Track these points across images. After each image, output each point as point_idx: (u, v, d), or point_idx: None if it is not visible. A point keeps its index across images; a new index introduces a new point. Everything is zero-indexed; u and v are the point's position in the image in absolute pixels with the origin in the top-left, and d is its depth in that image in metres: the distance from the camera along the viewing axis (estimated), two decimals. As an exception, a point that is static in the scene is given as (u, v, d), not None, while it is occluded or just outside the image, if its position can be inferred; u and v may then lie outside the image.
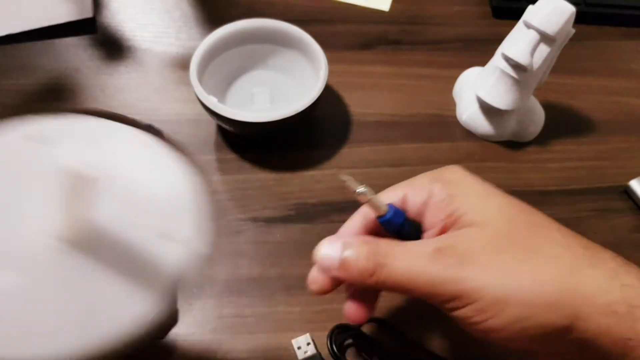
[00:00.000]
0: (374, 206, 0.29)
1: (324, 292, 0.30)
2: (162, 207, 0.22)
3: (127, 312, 0.19)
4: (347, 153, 0.50)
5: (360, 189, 0.28)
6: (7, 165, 0.19)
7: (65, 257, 0.18)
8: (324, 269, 0.29)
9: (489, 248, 0.26)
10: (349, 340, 0.39)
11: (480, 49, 0.57)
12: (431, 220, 0.29)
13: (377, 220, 0.30)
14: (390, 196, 0.31)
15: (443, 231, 0.29)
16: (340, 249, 0.28)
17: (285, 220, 0.45)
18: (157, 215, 0.21)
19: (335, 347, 0.39)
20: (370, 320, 0.40)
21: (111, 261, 0.19)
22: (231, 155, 0.49)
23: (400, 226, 0.29)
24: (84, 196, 0.17)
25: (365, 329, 0.40)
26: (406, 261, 0.27)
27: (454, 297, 0.26)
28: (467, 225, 0.27)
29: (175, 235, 0.21)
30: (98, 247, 0.19)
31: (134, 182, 0.21)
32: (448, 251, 0.26)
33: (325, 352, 0.39)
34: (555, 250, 0.26)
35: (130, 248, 0.20)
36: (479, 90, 0.48)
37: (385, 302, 0.42)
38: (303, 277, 0.31)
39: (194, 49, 0.47)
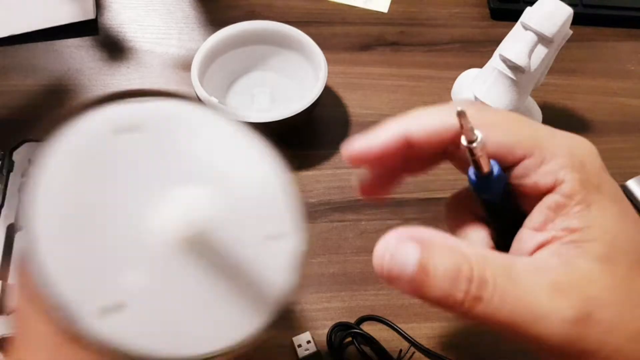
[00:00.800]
0: (483, 162, 0.21)
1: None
2: (262, 203, 0.20)
3: (242, 315, 0.19)
4: (347, 153, 0.50)
5: (478, 135, 0.20)
6: (111, 164, 0.19)
7: (184, 259, 0.19)
8: (389, 276, 0.20)
9: (617, 301, 0.20)
10: (349, 339, 0.40)
11: (478, 51, 0.58)
12: (538, 216, 0.22)
13: (470, 176, 0.22)
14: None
15: (548, 242, 0.21)
16: (416, 252, 0.19)
17: (285, 219, 0.46)
18: (260, 213, 0.20)
19: (335, 345, 0.39)
20: (370, 318, 0.41)
21: (224, 265, 0.19)
22: (232, 156, 0.49)
23: (497, 197, 0.22)
24: (195, 200, 0.18)
25: (365, 327, 0.40)
26: (515, 301, 0.19)
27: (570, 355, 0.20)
28: (590, 255, 0.20)
29: (279, 234, 0.20)
30: (211, 249, 0.19)
31: (235, 177, 0.20)
32: (571, 293, 0.19)
33: (325, 350, 0.39)
34: None
35: (241, 252, 0.19)
36: (477, 91, 0.49)
37: (385, 301, 0.42)
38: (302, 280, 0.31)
39: (195, 50, 0.47)
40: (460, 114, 0.20)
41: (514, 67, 0.45)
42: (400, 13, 0.61)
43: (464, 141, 0.20)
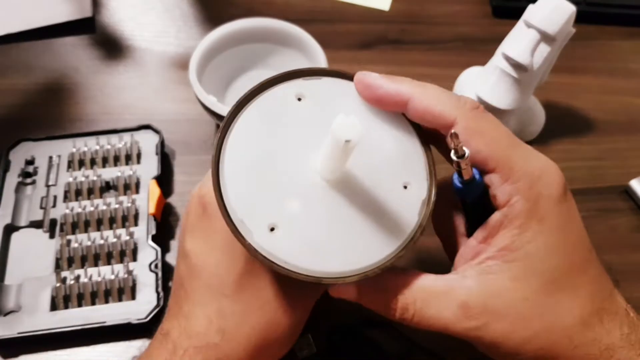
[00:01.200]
0: (466, 170, 0.25)
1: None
2: (400, 159, 0.26)
3: (378, 244, 0.25)
4: (347, 153, 0.49)
5: (466, 151, 0.24)
6: (292, 116, 0.25)
7: (331, 193, 0.25)
8: (340, 289, 0.27)
9: (521, 309, 0.25)
10: (349, 341, 0.39)
11: (480, 49, 0.57)
12: (483, 230, 0.26)
13: (454, 181, 0.26)
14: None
15: (481, 254, 0.26)
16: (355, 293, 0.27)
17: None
18: (398, 167, 0.26)
19: (335, 347, 0.39)
20: (370, 320, 0.40)
21: (365, 201, 0.25)
22: (231, 155, 0.48)
23: (474, 197, 0.26)
24: (345, 151, 0.23)
25: (365, 328, 0.40)
26: (433, 311, 0.26)
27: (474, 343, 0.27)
28: (507, 273, 0.25)
29: (412, 184, 0.26)
30: (354, 189, 0.25)
31: (379, 138, 0.26)
32: (475, 312, 0.25)
33: (325, 352, 0.39)
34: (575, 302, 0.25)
35: (380, 192, 0.25)
36: (479, 90, 0.48)
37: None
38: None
39: (193, 48, 0.47)
40: (453, 136, 0.23)
41: (517, 66, 0.45)
42: (401, 11, 0.61)
43: (453, 155, 0.24)
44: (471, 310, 0.25)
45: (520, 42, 0.44)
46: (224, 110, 0.44)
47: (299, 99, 0.26)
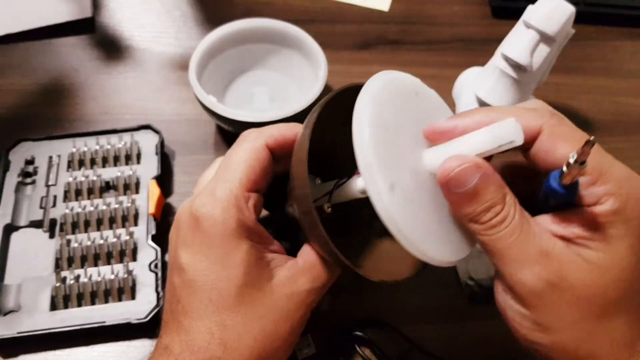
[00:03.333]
0: (571, 176, 0.24)
1: None
2: None
3: (455, 243, 0.27)
4: (347, 153, 0.50)
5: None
6: (407, 108, 0.27)
7: (433, 184, 0.26)
8: (448, 182, 0.25)
9: (591, 290, 0.25)
10: (348, 341, 0.39)
11: (479, 49, 0.57)
12: (565, 215, 0.26)
13: (550, 182, 0.25)
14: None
15: (560, 235, 0.26)
16: (477, 177, 0.24)
17: (284, 220, 0.45)
18: None
19: (335, 347, 0.39)
20: (370, 321, 0.40)
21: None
22: (230, 155, 0.48)
23: (567, 201, 0.26)
24: (498, 149, 0.24)
25: (365, 329, 0.40)
26: (514, 243, 0.25)
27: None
28: (586, 256, 0.25)
29: None
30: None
31: None
32: (552, 262, 0.24)
33: (324, 353, 0.39)
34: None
35: None
36: (479, 90, 0.48)
37: (385, 303, 0.42)
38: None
39: (193, 48, 0.47)
40: (589, 144, 0.23)
41: (516, 66, 0.45)
42: (401, 11, 0.61)
43: (574, 162, 0.23)
44: (551, 262, 0.24)
45: (519, 43, 0.44)
46: (224, 110, 0.44)
47: (417, 94, 0.28)
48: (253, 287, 0.28)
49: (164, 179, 0.46)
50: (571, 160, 0.24)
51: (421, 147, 0.27)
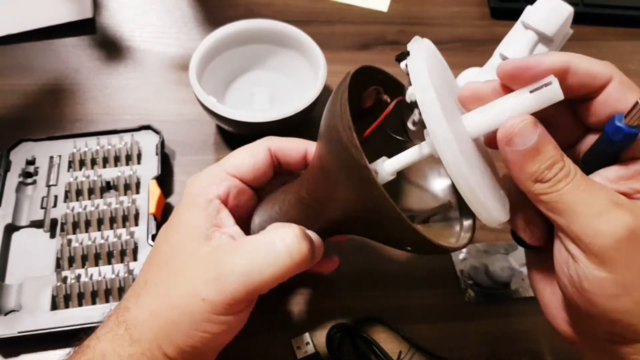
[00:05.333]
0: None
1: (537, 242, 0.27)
2: None
3: (500, 205, 0.27)
4: (346, 153, 0.50)
5: None
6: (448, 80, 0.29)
7: (474, 149, 0.26)
8: (510, 138, 0.25)
9: None
10: (347, 340, 0.39)
11: (478, 50, 0.58)
12: (628, 169, 0.25)
13: (616, 123, 0.24)
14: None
15: (621, 190, 0.25)
16: (536, 136, 0.24)
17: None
18: None
19: (334, 346, 0.39)
20: (369, 320, 0.41)
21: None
22: (230, 156, 0.49)
23: (626, 146, 0.25)
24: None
25: (364, 328, 0.40)
26: (580, 196, 0.24)
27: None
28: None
29: None
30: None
31: None
32: (624, 212, 0.23)
33: (324, 352, 0.39)
34: None
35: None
36: (478, 91, 0.49)
37: (384, 302, 0.42)
38: (300, 278, 0.31)
39: (193, 49, 0.47)
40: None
41: (515, 67, 0.45)
42: (400, 12, 0.61)
43: None
44: (623, 212, 0.23)
45: (518, 43, 0.44)
46: (224, 110, 0.44)
47: (443, 64, 0.29)
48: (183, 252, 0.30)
49: (165, 179, 0.47)
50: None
51: (456, 114, 0.27)
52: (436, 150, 0.25)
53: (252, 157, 0.34)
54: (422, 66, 0.25)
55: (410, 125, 0.29)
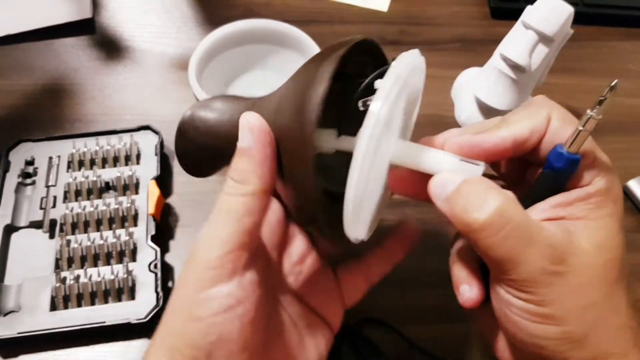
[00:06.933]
0: (580, 140, 0.25)
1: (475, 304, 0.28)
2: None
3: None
4: (346, 153, 0.50)
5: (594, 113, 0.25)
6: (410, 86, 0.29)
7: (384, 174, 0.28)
8: (434, 192, 0.26)
9: (592, 271, 0.25)
10: (347, 341, 0.39)
11: (478, 50, 0.57)
12: (560, 198, 0.27)
13: (558, 151, 0.26)
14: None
15: (556, 218, 0.26)
16: (457, 183, 0.25)
17: (284, 220, 0.45)
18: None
19: (334, 347, 0.39)
20: (369, 320, 0.40)
21: None
22: (230, 156, 0.49)
23: (570, 174, 0.26)
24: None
25: (364, 329, 0.40)
26: (512, 244, 0.24)
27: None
28: (584, 238, 0.25)
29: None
30: None
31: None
32: (560, 257, 0.25)
33: (324, 352, 0.39)
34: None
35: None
36: (478, 91, 0.49)
37: (384, 302, 0.42)
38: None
39: (192, 49, 0.47)
40: (613, 88, 0.26)
41: (515, 67, 0.45)
42: (400, 12, 0.61)
43: (592, 113, 0.25)
44: (558, 254, 0.25)
45: (518, 43, 0.44)
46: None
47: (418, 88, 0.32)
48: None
49: (164, 180, 0.46)
50: (589, 112, 0.25)
51: (394, 134, 0.27)
52: (354, 150, 0.24)
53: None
54: (390, 81, 0.25)
55: (360, 104, 0.29)
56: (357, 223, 0.26)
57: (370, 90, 0.28)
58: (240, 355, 0.26)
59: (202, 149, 0.32)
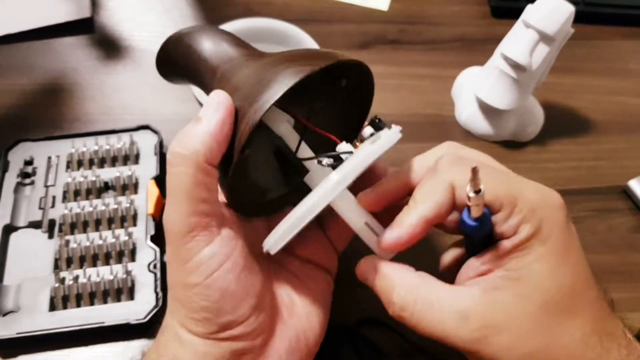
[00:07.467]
0: (479, 207, 0.26)
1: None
2: None
3: None
4: (346, 153, 0.49)
5: (482, 187, 0.25)
6: None
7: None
8: (361, 269, 0.30)
9: (523, 325, 0.26)
10: (347, 341, 0.39)
11: (479, 49, 0.57)
12: (489, 255, 0.27)
13: (463, 219, 0.27)
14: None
15: (486, 273, 0.27)
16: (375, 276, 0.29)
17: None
18: None
19: (334, 347, 0.39)
20: (368, 320, 0.40)
21: None
22: (229, 155, 0.48)
23: (485, 232, 0.27)
24: None
25: (364, 329, 0.40)
26: (433, 316, 0.27)
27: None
28: (510, 290, 0.26)
29: None
30: None
31: None
32: (477, 323, 0.26)
33: (323, 352, 0.39)
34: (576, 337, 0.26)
35: None
36: (478, 90, 0.48)
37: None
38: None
39: (192, 48, 0.47)
40: (474, 170, 0.24)
41: (516, 66, 0.45)
42: (400, 11, 0.61)
43: (470, 191, 0.25)
44: (472, 320, 0.26)
45: (519, 43, 0.44)
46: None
47: None
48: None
49: (163, 179, 0.46)
50: (470, 194, 0.25)
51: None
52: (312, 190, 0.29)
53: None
54: (357, 167, 0.28)
55: (324, 161, 0.31)
56: (279, 243, 0.28)
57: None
58: (247, 302, 0.28)
59: (182, 72, 0.35)
